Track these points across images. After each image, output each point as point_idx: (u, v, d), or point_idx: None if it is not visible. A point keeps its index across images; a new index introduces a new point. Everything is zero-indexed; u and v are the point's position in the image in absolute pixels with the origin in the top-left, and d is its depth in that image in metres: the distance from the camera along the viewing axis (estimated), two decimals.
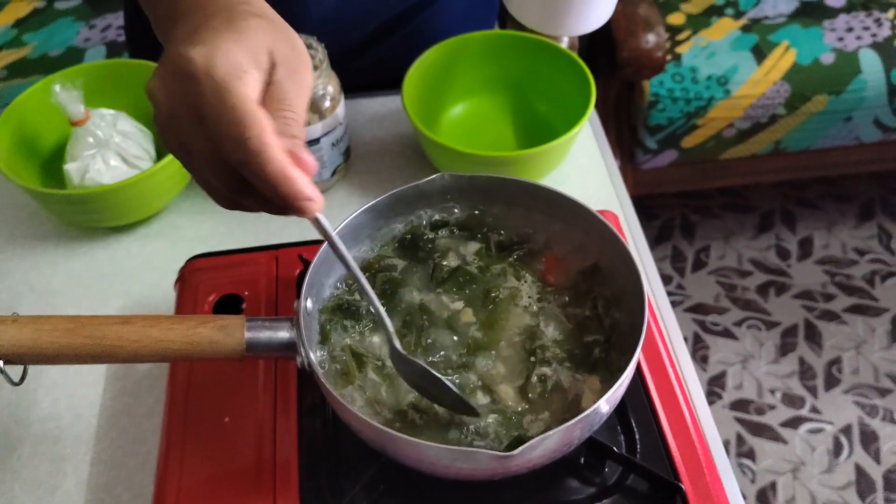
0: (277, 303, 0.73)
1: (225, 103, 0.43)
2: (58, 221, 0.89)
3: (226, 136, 0.43)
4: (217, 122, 0.44)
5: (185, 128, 0.45)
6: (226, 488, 0.62)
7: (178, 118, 0.45)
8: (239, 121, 0.43)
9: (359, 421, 0.54)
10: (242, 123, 0.43)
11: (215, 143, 0.44)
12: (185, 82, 0.44)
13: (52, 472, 0.70)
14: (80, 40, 1.67)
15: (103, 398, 0.74)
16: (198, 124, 0.45)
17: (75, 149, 0.85)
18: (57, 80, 0.84)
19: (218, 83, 0.44)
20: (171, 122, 0.45)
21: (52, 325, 0.53)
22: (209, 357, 0.55)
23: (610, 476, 0.61)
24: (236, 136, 0.43)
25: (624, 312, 0.62)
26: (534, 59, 0.96)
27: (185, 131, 0.45)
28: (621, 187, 0.93)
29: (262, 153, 0.43)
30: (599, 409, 0.53)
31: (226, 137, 0.43)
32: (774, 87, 1.68)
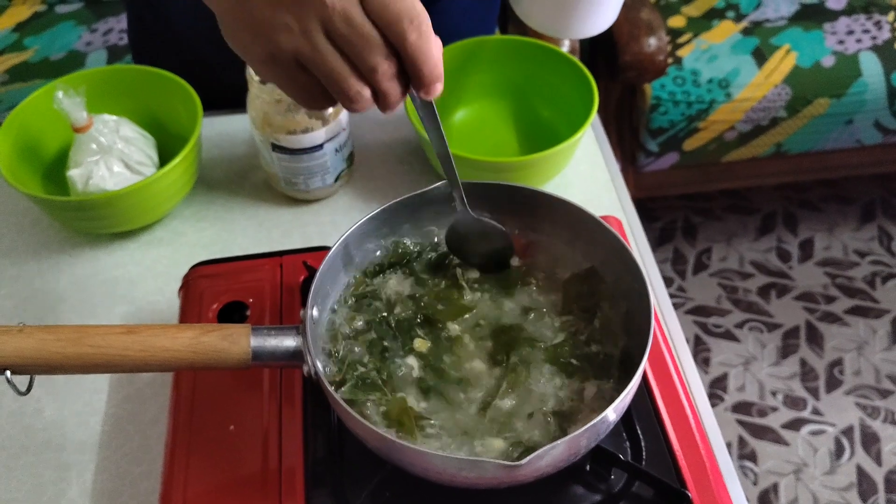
0: (282, 310, 0.73)
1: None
2: (61, 228, 0.89)
3: (404, 18, 0.49)
4: (391, 8, 0.49)
5: (351, 16, 0.49)
6: (231, 497, 0.62)
7: (346, 8, 0.49)
8: (412, 5, 0.50)
9: (365, 429, 0.53)
10: (417, 9, 0.50)
11: (387, 28, 0.50)
12: None
13: (57, 480, 0.70)
14: (81, 44, 1.67)
15: (108, 405, 0.74)
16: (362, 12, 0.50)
17: (78, 155, 0.85)
18: (59, 86, 0.84)
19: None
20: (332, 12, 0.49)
21: (57, 335, 0.53)
22: (215, 366, 0.55)
23: (616, 483, 0.61)
24: (411, 16, 0.50)
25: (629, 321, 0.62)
26: (536, 64, 0.96)
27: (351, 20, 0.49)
28: (624, 192, 0.93)
29: (429, 32, 0.51)
30: (606, 417, 0.53)
31: (403, 19, 0.49)
32: (775, 90, 1.68)
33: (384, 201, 0.66)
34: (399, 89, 0.53)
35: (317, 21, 0.49)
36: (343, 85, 0.51)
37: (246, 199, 0.91)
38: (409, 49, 0.50)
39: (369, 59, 0.50)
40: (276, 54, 0.51)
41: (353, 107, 0.53)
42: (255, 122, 0.84)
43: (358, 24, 0.49)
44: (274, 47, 0.51)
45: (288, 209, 0.90)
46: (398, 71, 0.52)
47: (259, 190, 0.92)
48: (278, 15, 0.49)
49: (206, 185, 0.93)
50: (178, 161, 0.83)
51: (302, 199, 0.90)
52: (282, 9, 0.49)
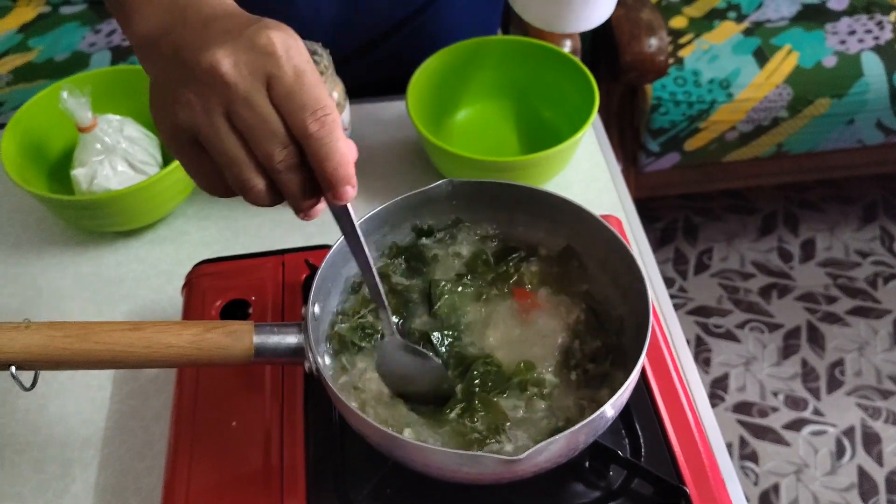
0: (284, 307, 0.73)
1: (304, 82, 0.48)
2: (66, 226, 0.90)
3: (307, 108, 0.48)
4: (297, 97, 0.48)
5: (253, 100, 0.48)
6: (233, 492, 0.62)
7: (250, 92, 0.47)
8: (320, 97, 0.48)
9: (366, 425, 0.54)
10: (324, 101, 0.48)
11: (288, 117, 0.48)
12: (266, 59, 0.47)
13: (61, 476, 0.70)
14: (85, 45, 1.68)
15: (111, 401, 0.75)
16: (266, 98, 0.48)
17: (83, 154, 0.86)
18: (65, 86, 0.85)
19: (296, 63, 0.48)
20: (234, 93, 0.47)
21: (63, 331, 0.54)
22: (218, 363, 0.56)
23: (615, 480, 0.62)
24: (317, 110, 0.48)
25: (628, 318, 0.63)
26: (537, 65, 0.97)
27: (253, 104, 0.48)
28: (624, 191, 0.93)
29: (337, 132, 0.48)
30: (605, 413, 0.54)
31: (306, 110, 0.48)
32: (777, 91, 1.69)
33: (385, 200, 0.66)
34: (298, 184, 0.50)
35: (218, 101, 0.48)
36: (236, 171, 0.49)
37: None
38: (310, 142, 0.48)
39: (264, 145, 0.48)
40: (176, 130, 0.50)
41: (248, 196, 0.50)
42: None
43: (258, 109, 0.48)
44: (174, 122, 0.49)
45: (289, 208, 0.90)
46: (298, 163, 0.49)
47: None
48: (184, 90, 0.48)
49: None
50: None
51: None
52: (188, 84, 0.48)
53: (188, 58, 0.48)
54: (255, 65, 0.47)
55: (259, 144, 0.48)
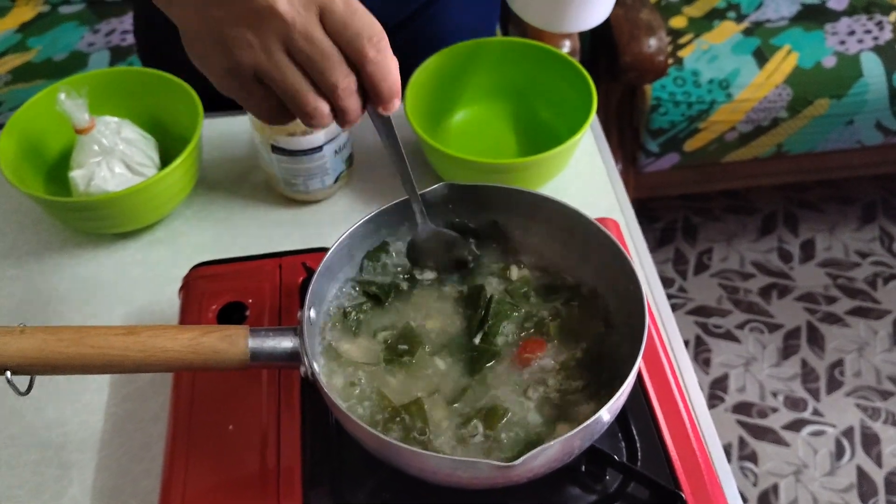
0: (281, 311, 0.73)
1: (355, 10, 0.51)
2: (63, 228, 0.90)
3: (363, 35, 0.51)
4: (351, 26, 0.50)
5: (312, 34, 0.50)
6: (230, 496, 0.62)
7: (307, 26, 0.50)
8: (372, 23, 0.51)
9: (362, 431, 0.54)
10: (376, 27, 0.51)
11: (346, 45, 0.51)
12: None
13: (58, 478, 0.70)
14: (84, 45, 1.68)
15: (108, 404, 0.75)
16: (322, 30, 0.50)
17: (80, 156, 0.85)
18: (62, 88, 0.85)
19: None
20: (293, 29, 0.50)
21: (58, 335, 0.54)
22: (213, 367, 0.56)
23: (611, 484, 0.62)
24: (370, 34, 0.51)
25: (624, 322, 0.63)
26: (536, 66, 0.96)
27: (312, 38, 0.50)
28: (622, 193, 0.93)
29: (387, 49, 0.52)
30: (601, 418, 0.54)
31: (362, 37, 0.51)
32: (776, 91, 1.69)
33: (383, 203, 0.66)
34: (358, 106, 0.54)
35: (277, 38, 0.50)
36: (301, 100, 0.52)
37: (246, 200, 0.92)
38: (368, 66, 0.51)
39: (330, 77, 0.51)
40: (235, 69, 0.52)
41: (311, 122, 0.54)
42: (256, 123, 0.85)
43: (318, 42, 0.50)
44: (233, 62, 0.51)
45: (287, 210, 0.91)
46: (357, 88, 0.53)
47: (259, 191, 0.93)
48: (239, 31, 0.50)
49: (207, 185, 0.93)
50: (178, 162, 0.83)
51: (301, 200, 0.91)
52: (243, 25, 0.50)
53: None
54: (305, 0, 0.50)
55: (323, 75, 0.51)
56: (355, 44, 0.51)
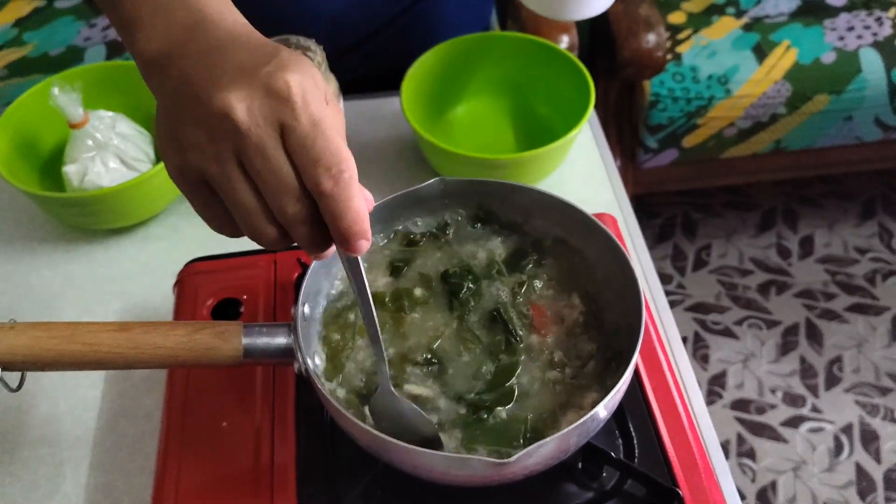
0: (275, 307, 0.73)
1: (319, 134, 0.45)
2: (57, 223, 0.89)
3: (321, 164, 0.45)
4: (311, 151, 0.45)
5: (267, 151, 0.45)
6: (223, 493, 0.62)
7: (263, 140, 0.45)
8: (336, 151, 0.46)
9: (356, 427, 0.54)
10: (339, 156, 0.46)
11: (303, 171, 0.46)
12: (282, 106, 0.45)
13: (51, 475, 0.70)
14: (80, 39, 1.67)
15: (102, 401, 0.74)
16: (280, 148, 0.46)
17: (74, 151, 0.85)
18: (56, 82, 0.84)
19: (313, 112, 0.46)
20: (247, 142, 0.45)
21: (49, 332, 0.53)
22: (207, 364, 0.55)
23: (608, 481, 0.61)
24: (332, 167, 0.45)
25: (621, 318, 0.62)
26: (533, 61, 0.96)
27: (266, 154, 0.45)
28: (620, 189, 0.92)
29: (350, 183, 0.46)
30: (597, 415, 0.53)
31: (320, 166, 0.45)
32: (775, 87, 1.68)
33: (379, 198, 0.65)
34: (310, 236, 0.48)
35: (230, 147, 0.45)
36: (248, 219, 0.47)
37: None
38: (323, 200, 0.46)
39: (277, 199, 0.46)
40: (184, 169, 0.47)
41: (260, 243, 0.49)
42: None
43: (272, 159, 0.45)
44: (184, 161, 0.47)
45: None
46: (310, 216, 0.47)
47: None
48: (194, 132, 0.46)
49: None
50: None
51: None
52: (199, 127, 0.46)
53: (198, 94, 0.45)
54: (270, 112, 0.45)
55: (271, 196, 0.46)
56: (310, 171, 0.45)
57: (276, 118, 0.45)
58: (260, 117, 0.45)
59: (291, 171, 0.46)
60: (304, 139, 0.45)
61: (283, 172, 0.46)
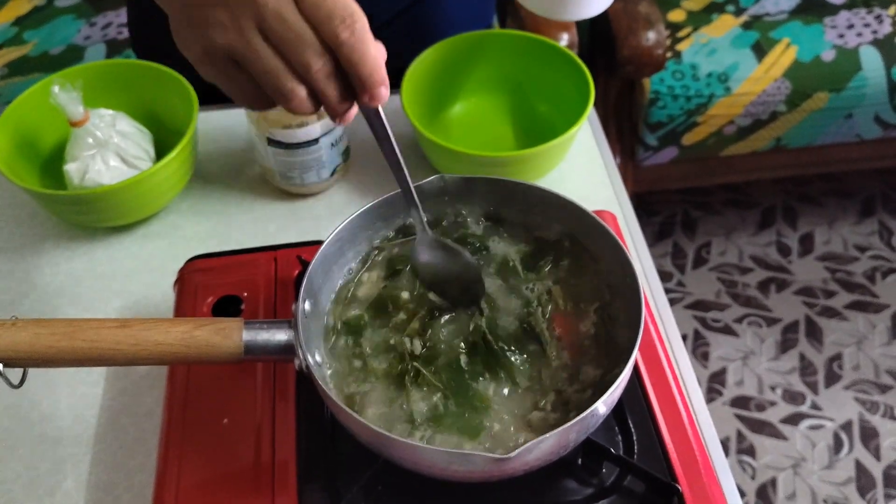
0: (276, 304, 0.73)
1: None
2: (58, 221, 0.89)
3: (335, 17, 0.49)
4: (324, 7, 0.49)
5: (284, 14, 0.49)
6: (224, 489, 0.62)
7: (280, 6, 0.49)
8: (346, 4, 0.50)
9: (357, 424, 0.54)
10: (351, 7, 0.50)
11: (319, 27, 0.50)
12: None
13: (52, 472, 0.70)
14: (80, 38, 1.67)
15: (103, 398, 0.75)
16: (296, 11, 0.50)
17: (75, 149, 0.85)
18: (56, 80, 0.84)
19: None
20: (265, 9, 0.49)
21: (50, 328, 0.53)
22: (207, 360, 0.55)
23: (607, 477, 0.61)
24: (346, 17, 0.49)
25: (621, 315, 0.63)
26: (533, 59, 0.96)
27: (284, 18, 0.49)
28: (620, 187, 0.93)
29: (364, 32, 0.50)
30: (596, 410, 0.53)
31: (334, 18, 0.49)
32: (775, 85, 1.68)
33: (379, 195, 0.66)
34: (336, 90, 0.52)
35: (251, 19, 0.49)
36: (276, 82, 0.51)
37: (242, 193, 0.92)
38: (342, 49, 0.50)
39: (302, 56, 0.50)
40: (210, 50, 0.51)
41: (290, 106, 0.52)
42: (251, 116, 0.84)
43: (291, 22, 0.49)
44: (208, 43, 0.51)
45: (283, 203, 0.90)
46: (334, 70, 0.51)
47: (255, 184, 0.92)
48: (213, 12, 0.50)
49: (203, 179, 0.93)
50: (174, 155, 0.83)
51: (297, 193, 0.90)
52: (217, 6, 0.50)
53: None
54: None
55: (296, 55, 0.50)
56: (326, 25, 0.49)
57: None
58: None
59: (310, 29, 0.50)
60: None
61: (302, 32, 0.50)
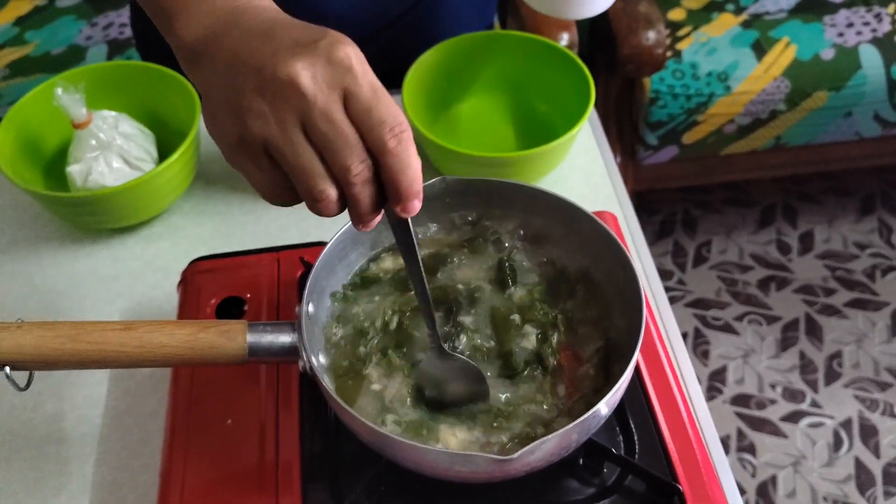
0: (279, 305, 0.73)
1: (381, 98, 0.49)
2: (61, 223, 0.90)
3: (385, 125, 0.48)
4: (375, 113, 0.48)
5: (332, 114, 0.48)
6: (228, 490, 0.62)
7: (329, 105, 0.48)
8: (397, 114, 0.49)
9: (359, 424, 0.54)
10: (400, 117, 0.49)
11: (367, 133, 0.49)
12: (344, 74, 0.48)
13: (57, 473, 0.70)
14: (81, 38, 1.67)
15: (108, 399, 0.75)
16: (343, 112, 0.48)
17: (78, 151, 0.85)
18: (59, 82, 0.85)
19: (371, 80, 0.49)
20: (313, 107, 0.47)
21: (55, 331, 0.54)
22: (211, 362, 0.56)
23: (608, 477, 0.62)
24: (395, 126, 0.48)
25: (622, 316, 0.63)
26: (534, 60, 0.96)
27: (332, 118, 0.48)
28: (620, 186, 0.93)
29: (409, 142, 0.49)
30: (598, 412, 0.54)
31: (384, 126, 0.48)
32: (775, 83, 1.68)
33: None
34: (370, 197, 0.50)
35: (295, 113, 0.48)
36: (310, 181, 0.49)
37: (244, 195, 0.92)
38: (387, 157, 0.49)
39: (345, 160, 0.48)
40: (246, 138, 0.49)
41: (317, 207, 0.50)
42: None
43: (338, 123, 0.48)
44: (245, 131, 0.49)
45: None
46: (371, 178, 0.50)
47: None
48: (257, 101, 0.48)
49: (205, 180, 0.93)
50: (176, 156, 0.83)
51: None
52: (262, 95, 0.48)
53: (259, 66, 0.48)
54: (334, 79, 0.47)
55: (337, 158, 0.49)
56: (376, 132, 0.48)
57: (339, 84, 0.48)
58: (324, 84, 0.47)
59: (355, 133, 0.48)
60: (368, 102, 0.48)
61: (348, 134, 0.48)
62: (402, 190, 0.50)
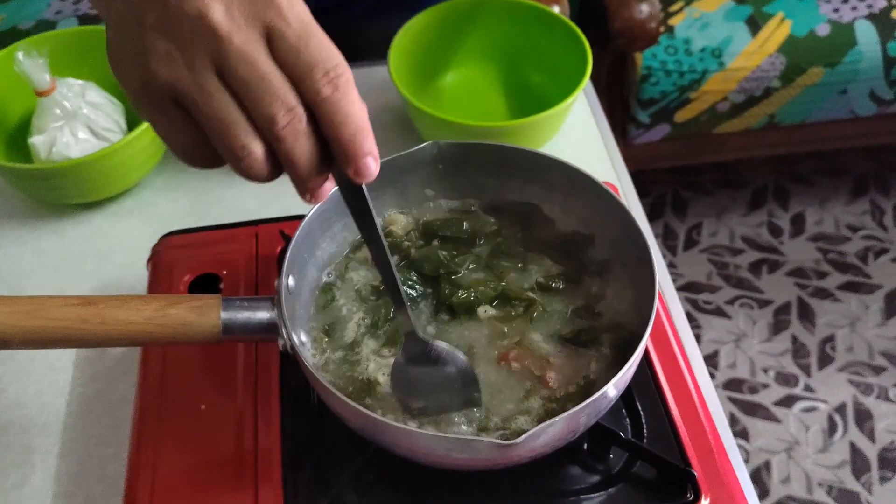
0: (257, 283, 0.69)
1: (312, 35, 0.42)
2: (24, 198, 0.86)
3: (317, 68, 0.41)
4: (304, 54, 0.41)
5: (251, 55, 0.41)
6: (203, 480, 0.59)
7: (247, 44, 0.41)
8: (331, 54, 0.42)
9: (346, 407, 0.50)
10: (336, 58, 0.42)
11: (295, 78, 0.42)
12: (265, 7, 0.41)
13: (20, 464, 0.67)
14: (50, 13, 1.62)
15: (73, 385, 0.71)
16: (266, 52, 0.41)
17: (41, 121, 0.82)
18: (21, 46, 0.80)
19: (300, 13, 0.42)
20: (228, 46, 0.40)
21: (11, 306, 0.50)
22: (182, 341, 0.52)
23: (615, 463, 0.58)
24: (330, 70, 0.41)
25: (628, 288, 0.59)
26: (527, 26, 0.92)
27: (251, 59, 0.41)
28: (619, 160, 0.89)
29: (349, 88, 0.42)
30: (607, 393, 0.50)
31: (316, 70, 0.41)
32: (769, 60, 1.65)
33: None
34: (307, 155, 0.42)
35: (206, 54, 0.40)
36: (228, 134, 0.41)
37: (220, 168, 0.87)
38: (323, 106, 0.41)
39: (267, 107, 0.41)
40: (149, 83, 0.42)
41: (241, 166, 0.43)
42: None
43: (258, 64, 0.41)
44: (148, 75, 0.42)
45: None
46: (308, 130, 0.42)
47: None
48: (160, 39, 0.41)
49: None
50: (146, 127, 0.79)
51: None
52: (167, 33, 0.41)
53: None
54: (254, 13, 0.41)
55: (259, 105, 0.41)
56: (306, 76, 0.41)
57: (259, 19, 0.41)
58: (241, 18, 0.40)
59: (282, 76, 0.41)
60: (295, 41, 0.41)
61: (272, 77, 0.41)
62: (345, 145, 0.42)
